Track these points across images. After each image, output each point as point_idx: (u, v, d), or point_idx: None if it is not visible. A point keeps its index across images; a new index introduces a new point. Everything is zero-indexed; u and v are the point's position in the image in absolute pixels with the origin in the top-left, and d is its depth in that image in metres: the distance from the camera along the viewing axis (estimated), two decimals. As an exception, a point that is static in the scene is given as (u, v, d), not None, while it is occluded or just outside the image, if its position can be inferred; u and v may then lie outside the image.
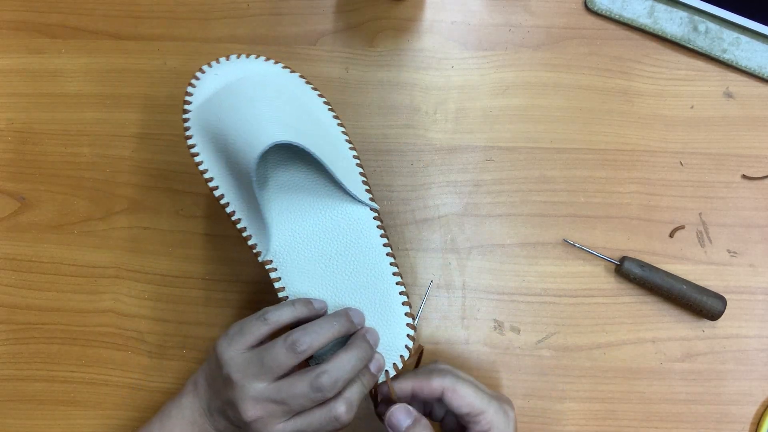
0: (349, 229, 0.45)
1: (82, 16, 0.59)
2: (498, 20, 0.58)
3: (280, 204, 0.45)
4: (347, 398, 0.40)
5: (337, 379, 0.39)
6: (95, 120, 0.57)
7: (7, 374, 0.54)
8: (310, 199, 0.45)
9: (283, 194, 0.45)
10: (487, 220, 0.55)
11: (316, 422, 0.40)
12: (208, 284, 0.55)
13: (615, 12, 0.57)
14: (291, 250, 0.44)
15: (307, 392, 0.39)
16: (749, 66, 0.56)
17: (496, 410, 0.42)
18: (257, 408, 0.39)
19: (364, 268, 0.44)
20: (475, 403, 0.42)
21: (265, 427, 0.39)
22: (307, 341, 0.40)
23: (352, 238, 0.45)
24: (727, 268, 0.54)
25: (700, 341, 0.53)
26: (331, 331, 0.41)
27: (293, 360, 0.40)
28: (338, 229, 0.45)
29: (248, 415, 0.39)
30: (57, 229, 0.56)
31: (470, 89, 0.57)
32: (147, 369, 0.54)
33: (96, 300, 0.55)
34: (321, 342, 0.40)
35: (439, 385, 0.42)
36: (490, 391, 0.44)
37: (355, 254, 0.44)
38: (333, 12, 0.59)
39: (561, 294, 0.54)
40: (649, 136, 0.56)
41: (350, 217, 0.45)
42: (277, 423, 0.39)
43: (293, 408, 0.39)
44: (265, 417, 0.39)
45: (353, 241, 0.45)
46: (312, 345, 0.40)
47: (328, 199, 0.45)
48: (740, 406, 0.52)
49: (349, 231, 0.45)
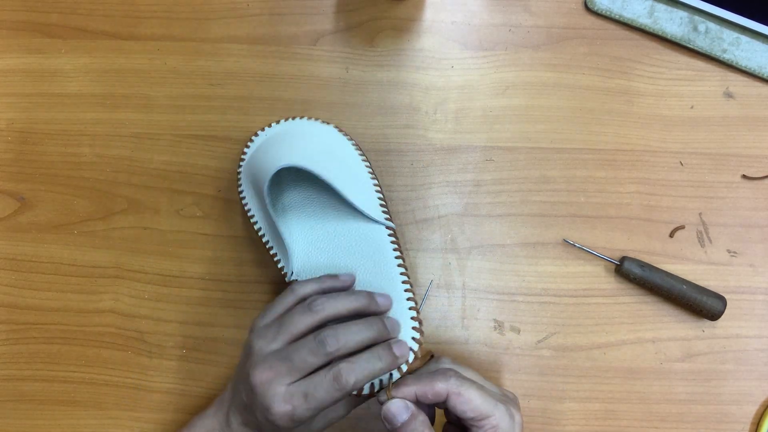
0: (365, 245, 0.47)
1: (82, 16, 0.59)
2: (498, 20, 0.58)
3: (300, 229, 0.49)
4: (354, 362, 0.39)
5: (342, 338, 0.39)
6: (95, 120, 0.57)
7: (7, 374, 0.54)
8: (327, 222, 0.49)
9: (302, 219, 0.49)
10: (487, 220, 0.55)
11: (319, 384, 0.38)
12: (208, 284, 0.55)
13: (615, 12, 0.57)
14: (311, 268, 0.47)
15: (311, 345, 0.38)
16: (749, 66, 0.56)
17: (503, 414, 0.40)
18: (264, 369, 0.39)
19: (377, 280, 0.45)
20: (481, 408, 0.40)
21: (268, 389, 0.38)
22: (323, 301, 0.40)
23: (368, 253, 0.46)
24: (727, 268, 0.54)
25: (700, 341, 0.53)
26: (350, 300, 0.41)
27: (309, 319, 0.40)
28: (354, 246, 0.47)
29: (255, 379, 0.39)
30: (57, 229, 0.56)
31: (470, 89, 0.57)
32: (147, 369, 0.54)
33: (96, 300, 0.55)
34: (338, 308, 0.40)
35: (444, 389, 0.40)
36: (497, 390, 0.43)
37: (369, 268, 0.46)
38: (333, 12, 0.59)
39: (561, 294, 0.54)
40: (649, 136, 0.56)
41: (366, 235, 0.47)
42: (280, 384, 0.38)
43: (297, 366, 0.38)
44: (271, 378, 0.39)
45: (369, 256, 0.46)
46: (327, 307, 0.40)
47: (345, 221, 0.48)
48: (740, 406, 0.52)
49: (365, 247, 0.47)
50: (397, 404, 0.40)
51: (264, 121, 0.56)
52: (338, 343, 0.39)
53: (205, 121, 0.57)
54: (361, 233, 0.47)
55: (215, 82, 0.58)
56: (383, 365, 0.40)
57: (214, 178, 0.56)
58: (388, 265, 0.46)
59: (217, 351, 0.54)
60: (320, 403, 0.38)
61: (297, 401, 0.38)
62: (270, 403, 0.38)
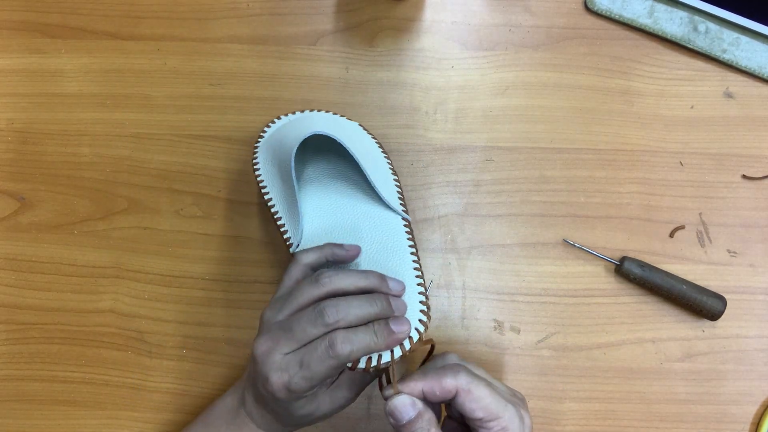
0: (380, 229, 0.47)
1: (82, 16, 0.59)
2: (498, 20, 0.58)
3: (317, 200, 0.49)
4: (350, 332, 0.38)
5: (342, 310, 0.38)
6: (95, 120, 0.57)
7: (7, 374, 0.54)
8: (345, 200, 0.49)
9: (321, 193, 0.49)
10: (487, 220, 0.55)
11: (314, 351, 0.37)
12: (208, 284, 0.55)
13: (615, 12, 0.57)
14: (320, 240, 0.46)
15: (310, 315, 0.38)
16: (749, 66, 0.56)
17: (512, 415, 0.39)
18: (266, 339, 0.39)
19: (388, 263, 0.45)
20: (491, 408, 0.38)
21: (267, 358, 0.38)
22: (331, 275, 0.40)
23: (382, 237, 0.46)
24: (727, 268, 0.54)
25: (700, 341, 0.53)
26: (359, 277, 0.40)
27: (315, 291, 0.39)
28: (369, 228, 0.47)
29: (257, 349, 0.39)
30: (57, 229, 0.56)
31: (470, 89, 0.57)
32: (147, 369, 0.54)
33: (96, 300, 0.55)
34: (345, 283, 0.40)
35: (453, 386, 0.39)
36: (506, 390, 0.41)
37: (380, 251, 0.45)
38: (333, 12, 0.59)
39: (561, 294, 0.54)
40: (649, 136, 0.56)
41: (383, 220, 0.47)
42: (279, 353, 0.38)
43: (296, 336, 0.38)
44: (271, 347, 0.38)
45: (383, 240, 0.46)
46: (334, 281, 0.40)
47: (363, 202, 0.48)
48: (740, 406, 0.52)
49: (380, 231, 0.46)
50: (404, 400, 0.39)
51: (264, 121, 0.56)
52: (337, 315, 0.38)
53: (205, 121, 0.57)
54: (377, 217, 0.47)
55: (215, 82, 0.58)
56: (380, 340, 0.38)
57: (214, 178, 0.56)
58: (401, 251, 0.45)
59: (217, 351, 0.54)
60: (315, 372, 0.37)
61: (293, 370, 0.38)
62: (268, 372, 0.38)
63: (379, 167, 0.51)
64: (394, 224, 0.47)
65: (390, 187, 0.50)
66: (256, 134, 0.56)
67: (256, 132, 0.56)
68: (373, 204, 0.48)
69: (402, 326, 0.39)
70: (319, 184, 0.50)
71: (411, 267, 0.44)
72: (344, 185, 0.49)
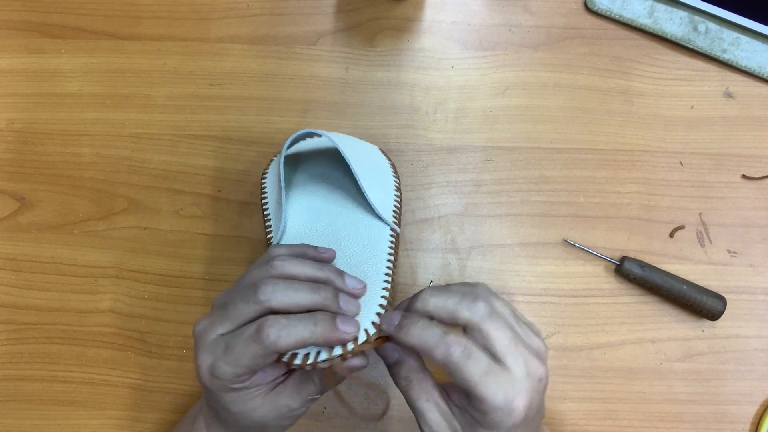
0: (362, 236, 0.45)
1: (82, 16, 0.59)
2: (498, 20, 0.58)
3: (306, 202, 0.48)
4: (283, 318, 0.34)
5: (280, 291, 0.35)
6: (95, 120, 0.57)
7: (7, 374, 0.54)
8: (335, 206, 0.48)
9: (312, 196, 0.48)
10: (487, 220, 0.55)
11: (241, 335, 0.34)
12: (208, 284, 0.55)
13: (615, 12, 0.57)
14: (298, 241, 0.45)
15: (245, 292, 0.35)
16: (749, 66, 0.56)
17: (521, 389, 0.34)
18: (204, 318, 0.36)
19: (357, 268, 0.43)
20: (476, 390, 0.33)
21: (200, 338, 0.35)
22: (283, 259, 0.37)
23: (361, 244, 0.45)
24: (727, 268, 0.54)
25: (700, 341, 0.53)
26: (314, 267, 0.37)
27: (263, 272, 0.36)
28: (350, 234, 0.45)
29: (195, 328, 0.36)
30: (57, 229, 0.56)
31: (470, 89, 0.57)
32: (147, 369, 0.54)
33: (96, 300, 0.55)
34: (296, 270, 0.37)
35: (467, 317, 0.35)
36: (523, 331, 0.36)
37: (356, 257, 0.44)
38: (333, 12, 0.59)
39: (561, 294, 0.54)
40: (648, 136, 0.56)
41: (367, 228, 0.46)
42: (212, 334, 0.35)
43: (230, 314, 0.35)
44: (206, 326, 0.36)
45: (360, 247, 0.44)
46: (287, 266, 0.37)
47: (354, 211, 0.47)
48: (740, 406, 0.52)
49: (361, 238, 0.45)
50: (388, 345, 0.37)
51: (264, 120, 0.56)
52: (272, 293, 0.34)
53: (205, 121, 0.57)
54: (364, 226, 0.46)
55: (215, 82, 0.58)
56: (318, 331, 0.34)
57: (214, 178, 0.56)
58: (377, 259, 0.43)
59: (217, 351, 0.54)
60: (238, 357, 0.34)
61: (218, 352, 0.34)
62: (197, 353, 0.35)
63: (381, 180, 0.50)
64: (379, 234, 0.46)
65: (387, 200, 0.49)
66: (256, 134, 0.57)
67: (256, 132, 0.57)
68: (364, 213, 0.47)
69: (348, 326, 0.35)
70: (313, 187, 0.49)
71: (382, 273, 0.42)
72: (338, 192, 0.49)
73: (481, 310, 0.35)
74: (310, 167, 0.51)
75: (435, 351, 0.34)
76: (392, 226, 0.47)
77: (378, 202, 0.46)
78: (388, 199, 0.49)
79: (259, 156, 0.56)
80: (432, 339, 0.34)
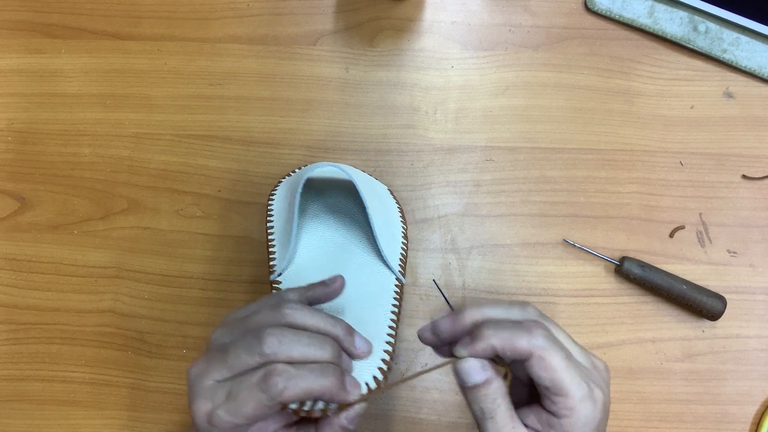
0: (368, 281, 0.45)
1: (82, 16, 0.59)
2: (498, 20, 0.58)
3: (316, 238, 0.48)
4: (292, 368, 0.33)
5: (286, 341, 0.33)
6: (95, 120, 0.57)
7: (7, 374, 0.54)
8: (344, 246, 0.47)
9: (322, 233, 0.48)
10: (487, 220, 0.55)
11: (246, 382, 0.32)
12: (208, 284, 0.55)
13: (615, 12, 0.57)
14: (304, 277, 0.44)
15: (248, 340, 0.33)
16: (749, 66, 0.56)
17: (583, 397, 0.33)
18: (202, 360, 0.34)
19: (360, 316, 0.42)
20: (562, 382, 0.33)
21: (196, 382, 0.34)
22: (296, 307, 0.35)
23: (368, 290, 0.44)
24: (727, 268, 0.54)
25: (700, 341, 0.53)
26: (325, 320, 0.36)
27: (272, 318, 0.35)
28: (358, 277, 0.45)
29: (190, 371, 0.34)
30: (57, 229, 0.56)
31: (470, 89, 0.57)
32: (147, 369, 0.54)
33: (96, 300, 0.55)
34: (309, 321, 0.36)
35: (527, 349, 0.33)
36: (586, 361, 0.35)
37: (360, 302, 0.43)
38: (333, 12, 0.59)
39: (561, 294, 0.54)
40: (649, 136, 0.56)
41: (374, 273, 0.45)
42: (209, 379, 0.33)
43: (230, 362, 0.33)
44: (203, 369, 0.34)
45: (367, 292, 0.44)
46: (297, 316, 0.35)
47: (361, 254, 0.47)
48: (740, 406, 0.52)
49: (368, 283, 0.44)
50: (473, 364, 0.34)
51: (264, 120, 0.56)
52: (279, 345, 0.33)
53: (205, 121, 0.57)
54: (370, 271, 0.46)
55: (215, 82, 0.58)
56: (327, 384, 0.33)
57: (214, 178, 0.56)
58: (382, 310, 0.43)
59: (217, 351, 0.54)
60: (242, 406, 0.32)
61: (218, 399, 0.33)
62: (193, 397, 0.33)
63: (390, 226, 0.50)
64: (385, 282, 0.45)
65: (395, 247, 0.48)
66: (256, 134, 0.57)
67: (256, 132, 0.57)
68: (372, 257, 0.47)
69: (354, 387, 0.35)
70: (324, 223, 0.49)
71: (386, 325, 0.41)
72: (348, 233, 0.48)
73: (540, 340, 0.33)
74: (322, 197, 0.50)
75: (518, 341, 0.33)
76: (398, 276, 0.46)
77: (388, 250, 0.46)
78: (395, 246, 0.49)
79: (259, 156, 0.56)
80: (509, 331, 0.34)
